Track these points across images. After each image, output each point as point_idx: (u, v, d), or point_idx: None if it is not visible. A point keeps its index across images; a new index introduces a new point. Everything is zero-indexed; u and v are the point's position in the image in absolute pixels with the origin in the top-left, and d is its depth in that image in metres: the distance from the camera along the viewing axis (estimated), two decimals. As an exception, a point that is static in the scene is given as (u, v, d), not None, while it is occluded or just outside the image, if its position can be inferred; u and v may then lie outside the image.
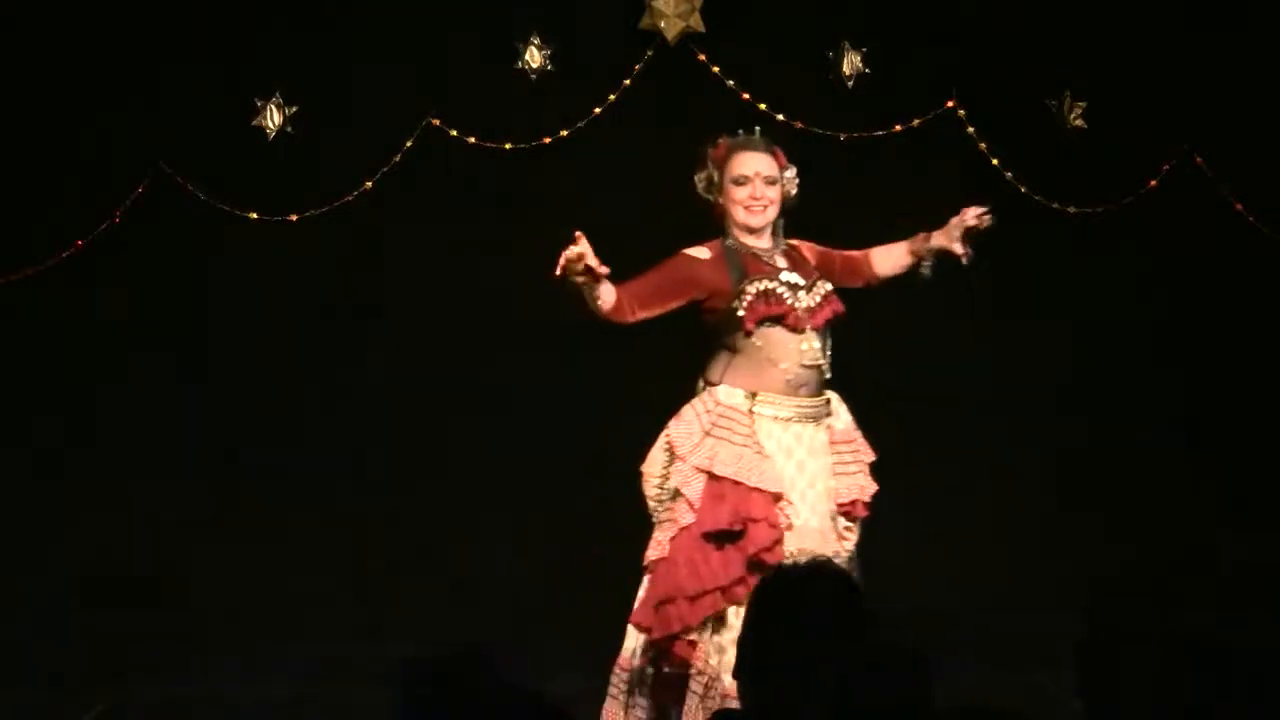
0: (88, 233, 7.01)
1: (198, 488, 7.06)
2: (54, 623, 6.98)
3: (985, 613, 6.99)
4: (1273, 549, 7.28)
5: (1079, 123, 7.33)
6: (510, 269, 7.19)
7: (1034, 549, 7.21)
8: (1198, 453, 7.43)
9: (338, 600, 7.08)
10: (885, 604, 3.64)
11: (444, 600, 6.96)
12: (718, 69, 7.20)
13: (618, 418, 7.18)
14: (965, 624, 6.78)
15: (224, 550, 7.03)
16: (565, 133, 7.14)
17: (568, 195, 7.13)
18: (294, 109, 7.05)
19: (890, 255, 5.60)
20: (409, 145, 7.09)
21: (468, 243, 7.18)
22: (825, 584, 3.63)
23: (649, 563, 5.38)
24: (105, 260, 7.03)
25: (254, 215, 7.09)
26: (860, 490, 5.40)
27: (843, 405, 5.47)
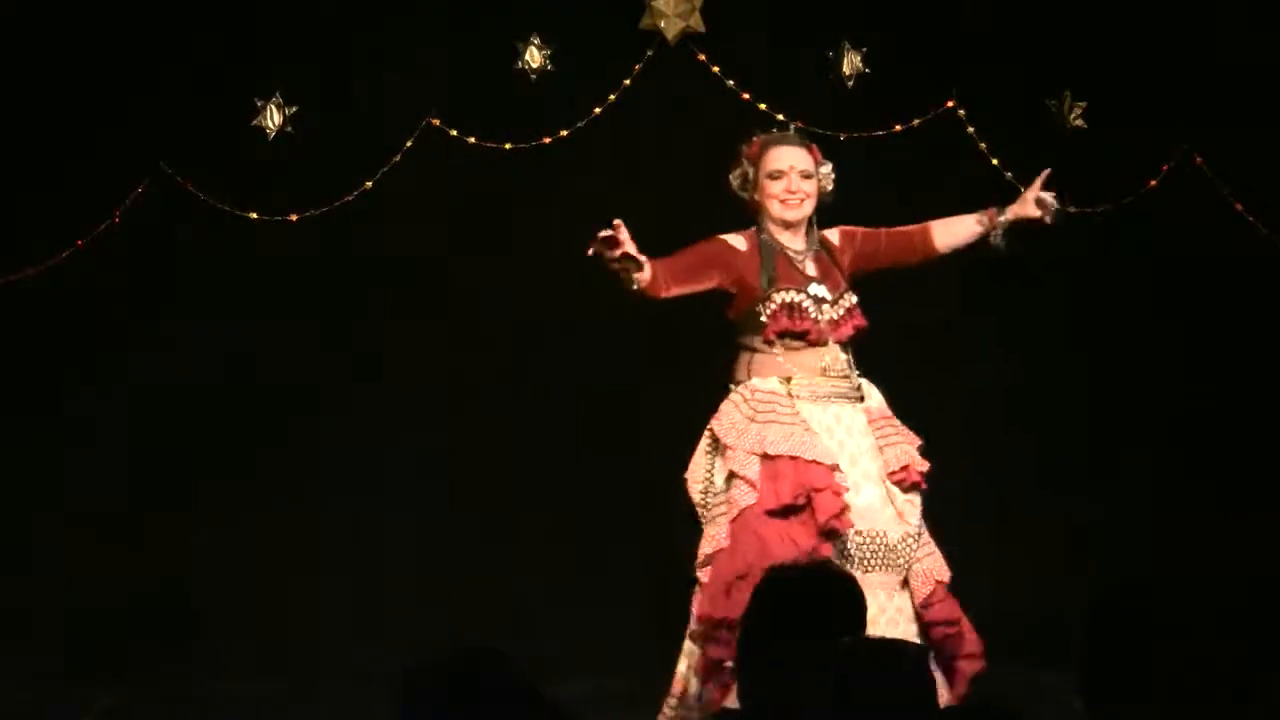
0: (88, 233, 7.00)
1: (198, 487, 7.06)
2: (54, 622, 6.98)
3: (985, 613, 6.98)
4: (1273, 549, 7.27)
5: (1079, 123, 7.33)
6: (510, 269, 7.19)
7: (1033, 548, 7.21)
8: (1198, 452, 7.43)
9: (338, 600, 7.08)
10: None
11: (444, 600, 6.96)
12: (718, 69, 7.20)
13: (620, 417, 7.20)
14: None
15: (224, 550, 7.03)
16: (565, 133, 7.13)
17: (567, 195, 7.13)
18: (294, 109, 7.05)
19: (954, 228, 5.57)
20: (409, 145, 7.09)
21: (468, 243, 7.17)
22: (825, 584, 3.64)
23: (705, 557, 5.34)
24: (105, 260, 7.02)
25: (254, 215, 7.09)
26: (911, 458, 5.38)
27: (874, 388, 5.48)
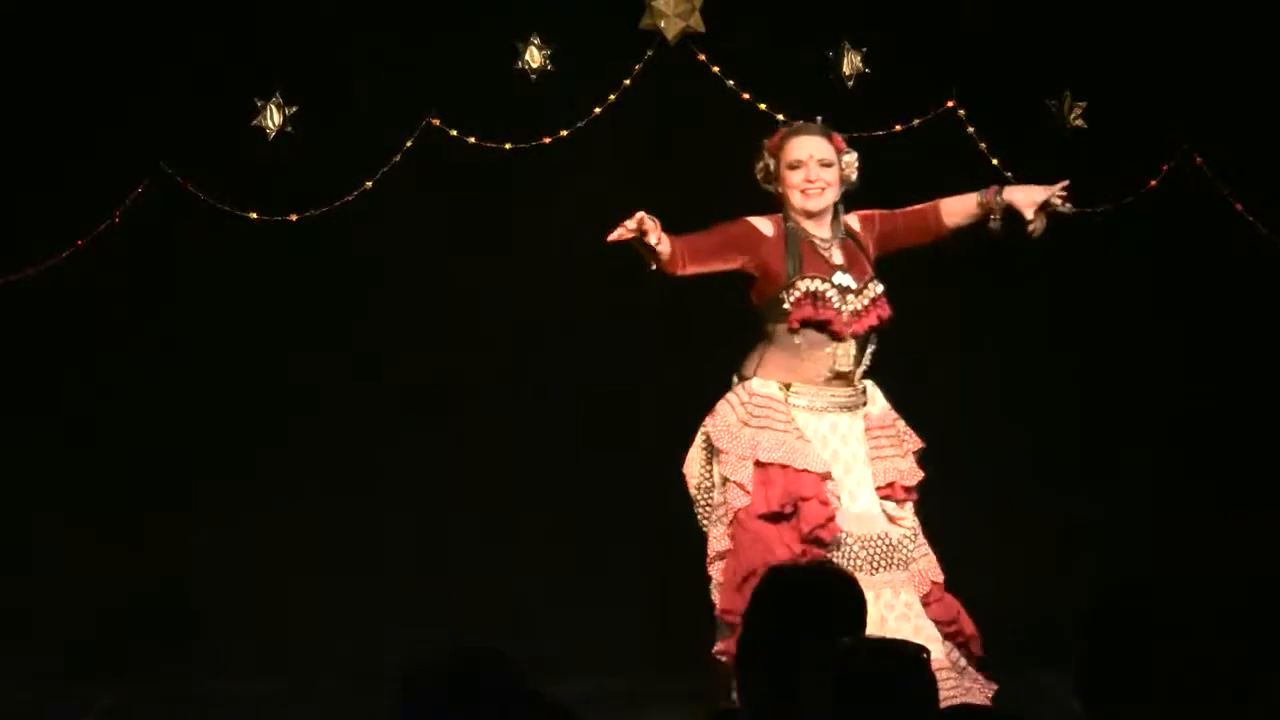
0: (88, 233, 7.00)
1: (198, 487, 7.06)
2: (54, 622, 6.97)
3: (985, 613, 6.98)
4: (1273, 549, 7.27)
5: (1079, 123, 7.33)
6: (510, 269, 7.19)
7: (1033, 548, 7.21)
8: (1197, 452, 7.43)
9: (338, 600, 7.08)
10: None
11: (444, 600, 6.96)
12: (718, 69, 7.20)
13: (620, 416, 7.20)
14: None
15: (224, 550, 7.03)
16: (565, 133, 7.13)
17: (567, 195, 7.13)
18: (294, 109, 7.05)
19: (958, 206, 5.61)
20: (409, 145, 7.09)
21: (468, 243, 7.17)
22: (825, 584, 3.64)
23: (714, 555, 5.42)
24: (105, 260, 7.02)
25: (254, 215, 7.09)
26: (898, 474, 5.44)
27: (878, 392, 5.51)
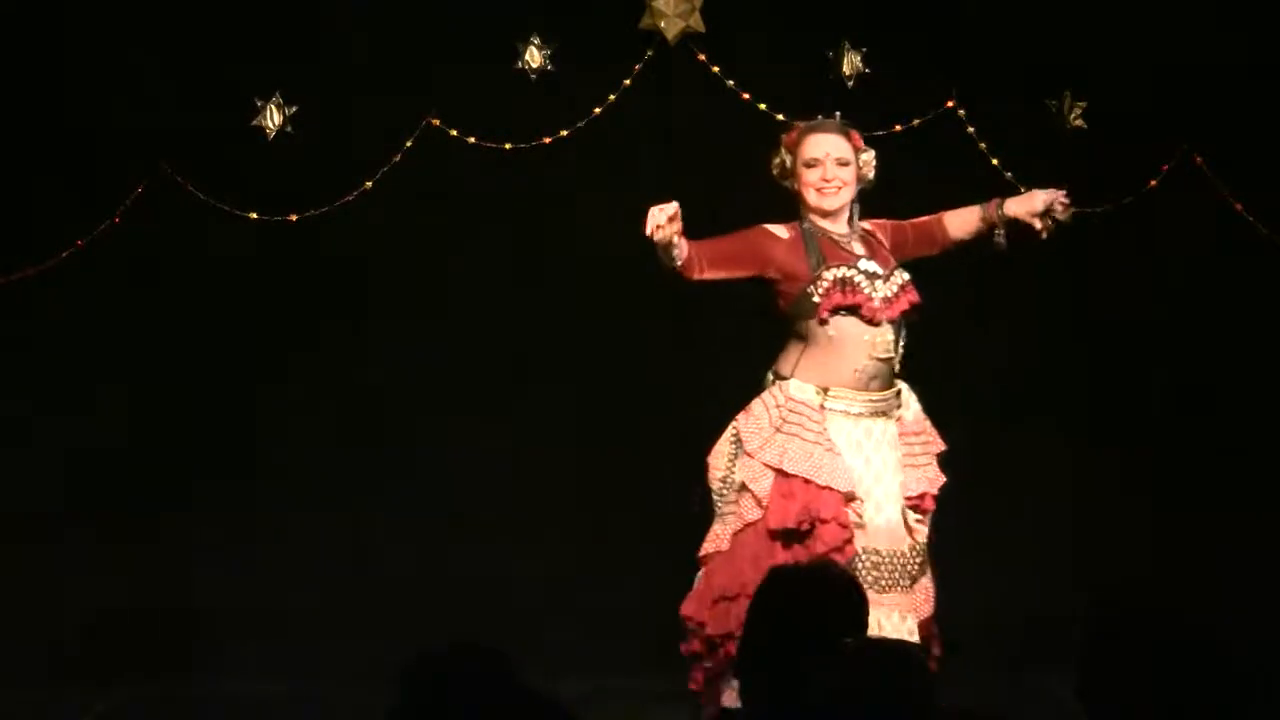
0: (88, 233, 7.01)
1: (198, 487, 7.06)
2: (54, 622, 6.98)
3: (985, 613, 6.99)
4: (1273, 548, 7.27)
5: (1079, 123, 7.33)
6: (510, 268, 7.20)
7: (1033, 549, 7.21)
8: (1197, 452, 7.43)
9: (337, 600, 7.08)
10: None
11: (444, 600, 6.96)
12: (718, 69, 7.20)
13: (620, 416, 7.20)
14: (965, 624, 6.77)
15: (224, 549, 7.03)
16: (565, 133, 7.14)
17: (568, 195, 7.14)
18: (294, 109, 7.05)
19: (963, 219, 5.58)
20: (409, 145, 7.10)
21: (467, 243, 7.18)
22: (825, 584, 3.64)
23: (705, 555, 5.34)
24: (105, 260, 7.03)
25: (254, 215, 7.10)
26: (929, 483, 5.36)
27: (912, 395, 5.45)
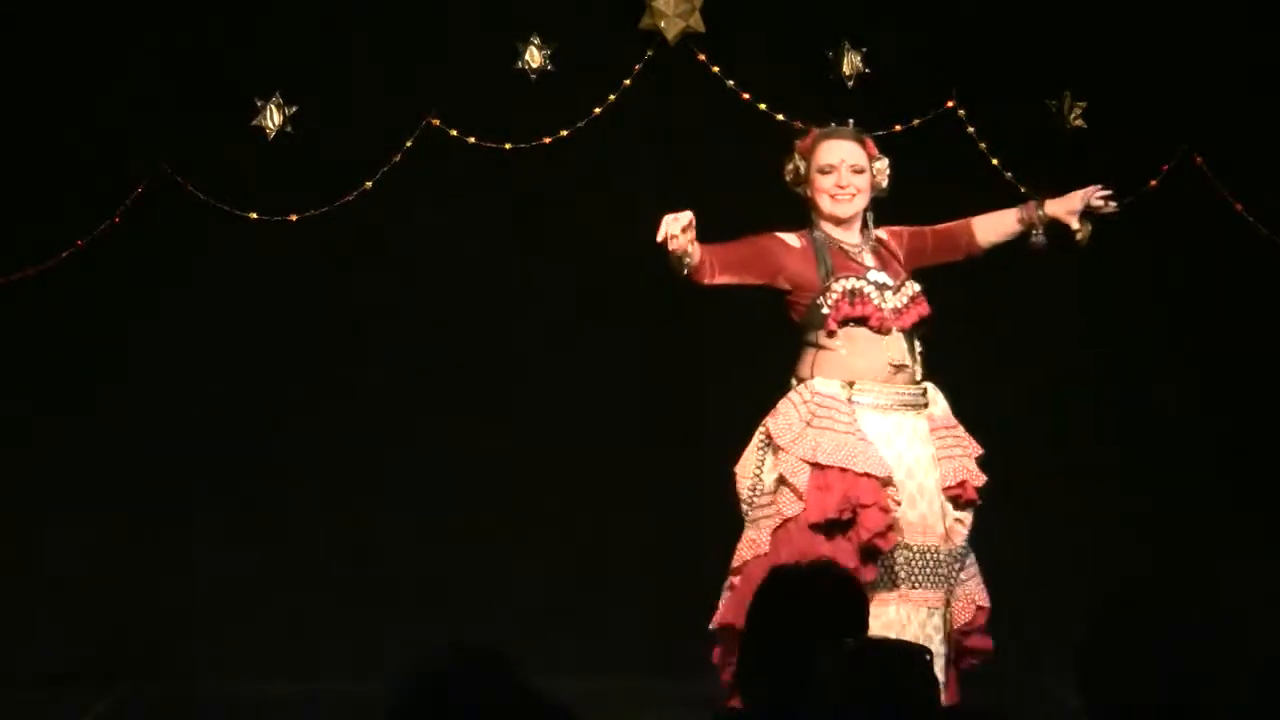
0: (88, 233, 7.00)
1: (197, 486, 7.06)
2: (53, 622, 6.97)
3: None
4: (1273, 548, 7.27)
5: (1079, 123, 7.33)
6: (510, 268, 7.19)
7: (1033, 549, 7.20)
8: (1197, 452, 7.42)
9: (338, 600, 7.08)
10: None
11: (444, 600, 6.96)
12: (718, 69, 7.20)
13: (620, 415, 7.20)
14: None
15: (224, 550, 7.03)
16: (565, 133, 7.13)
17: (568, 195, 7.14)
18: (294, 109, 7.05)
19: (996, 223, 5.53)
20: (409, 145, 7.09)
21: (467, 243, 7.18)
22: (825, 584, 3.64)
23: (742, 562, 5.27)
24: (105, 260, 7.02)
25: (254, 215, 7.09)
26: (968, 473, 5.32)
27: (939, 394, 5.41)
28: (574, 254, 7.15)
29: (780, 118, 7.11)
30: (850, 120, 5.53)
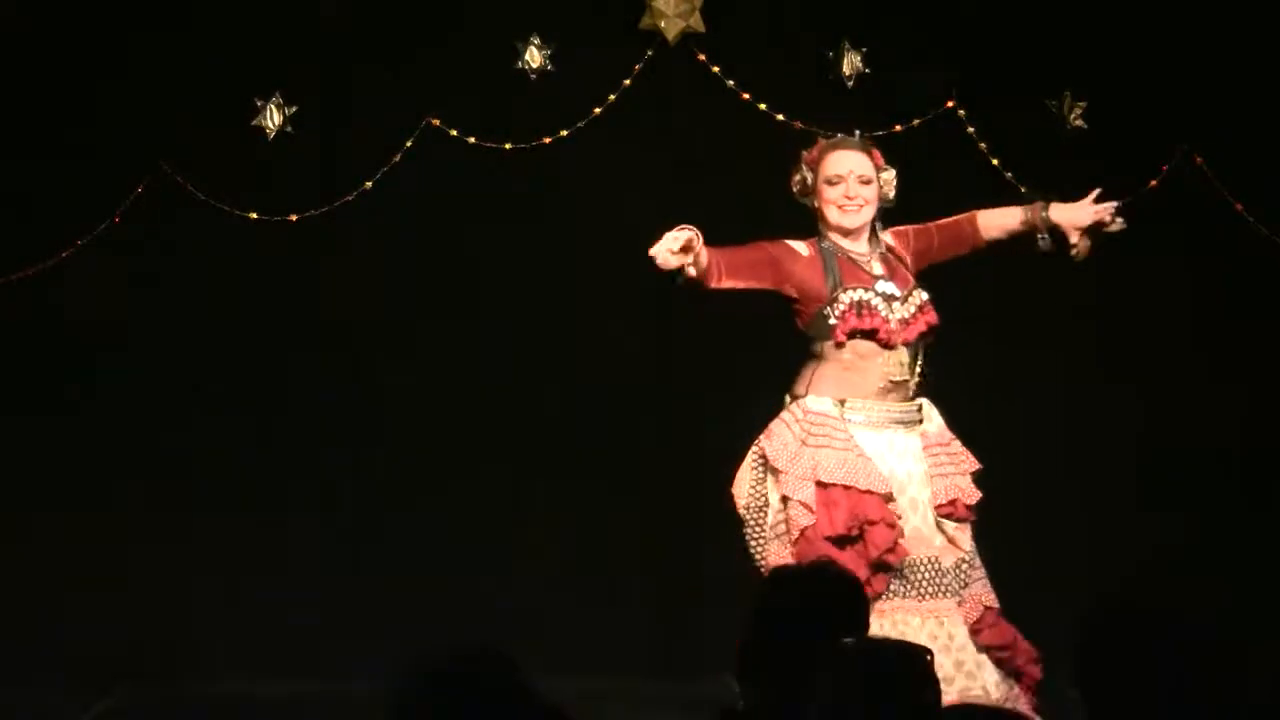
0: (88, 233, 7.00)
1: (197, 486, 7.06)
2: (53, 622, 6.97)
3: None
4: (1274, 549, 7.27)
5: (1079, 123, 7.33)
6: (510, 269, 7.19)
7: (1034, 550, 7.20)
8: (1197, 453, 7.42)
9: (337, 600, 7.08)
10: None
11: (444, 600, 6.96)
12: (718, 69, 7.20)
13: (620, 415, 7.20)
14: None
15: (223, 550, 7.03)
16: (565, 133, 7.14)
17: (568, 195, 7.14)
18: (294, 109, 7.05)
19: (1000, 219, 5.51)
20: (409, 145, 7.10)
21: (467, 243, 7.18)
22: (825, 584, 3.64)
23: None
24: (105, 260, 7.02)
25: (254, 215, 7.10)
26: (960, 492, 5.31)
27: (935, 410, 5.40)
28: (574, 254, 7.15)
29: (780, 118, 7.11)
30: (857, 131, 5.51)
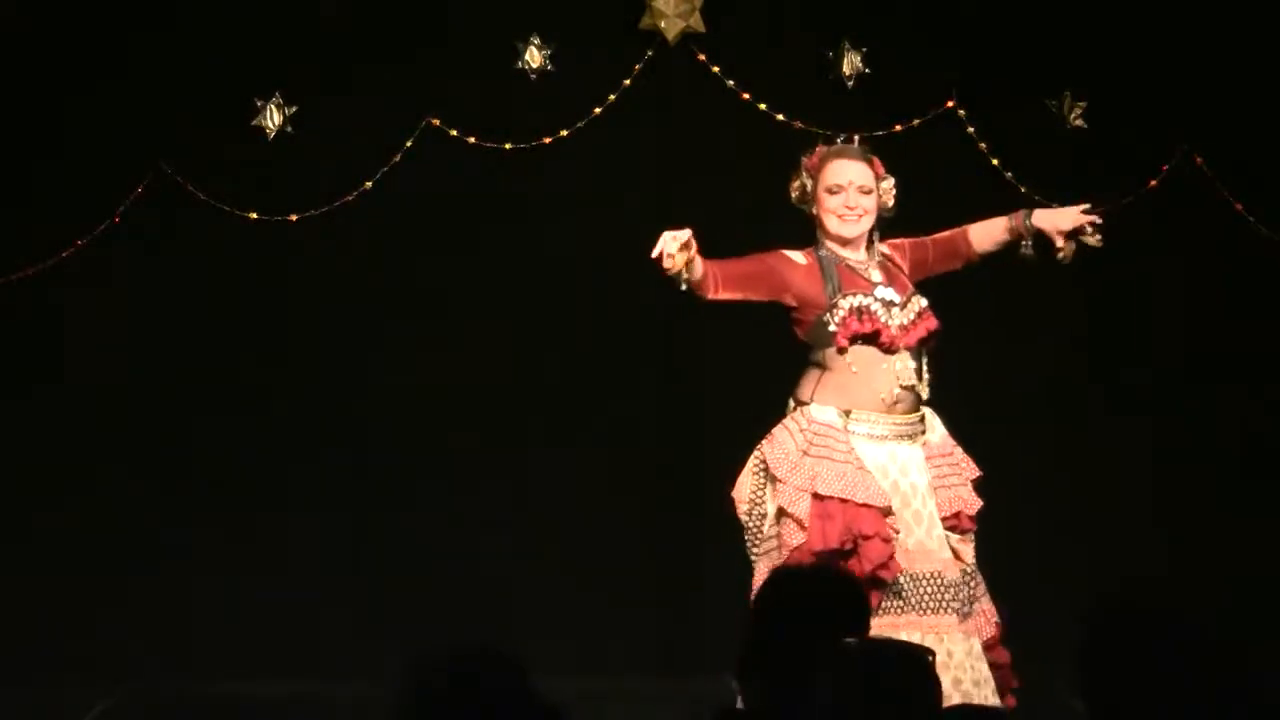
0: (88, 233, 7.01)
1: (197, 486, 7.06)
2: (53, 622, 6.97)
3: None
4: (1274, 549, 7.27)
5: (1079, 123, 7.33)
6: (510, 269, 7.20)
7: (1034, 550, 7.20)
8: (1198, 453, 7.42)
9: (338, 600, 7.08)
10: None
11: (444, 600, 6.96)
12: (718, 69, 7.20)
13: (620, 415, 7.20)
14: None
15: (223, 549, 7.03)
16: (565, 133, 7.14)
17: (567, 195, 7.14)
18: (294, 109, 7.06)
19: (989, 230, 5.47)
20: (409, 145, 7.10)
21: (468, 242, 7.18)
22: (825, 584, 3.64)
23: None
24: (105, 260, 7.03)
25: (254, 215, 7.10)
26: (963, 503, 5.29)
27: (937, 419, 5.37)
28: (574, 254, 7.15)
29: (780, 118, 7.12)
30: (856, 137, 5.49)
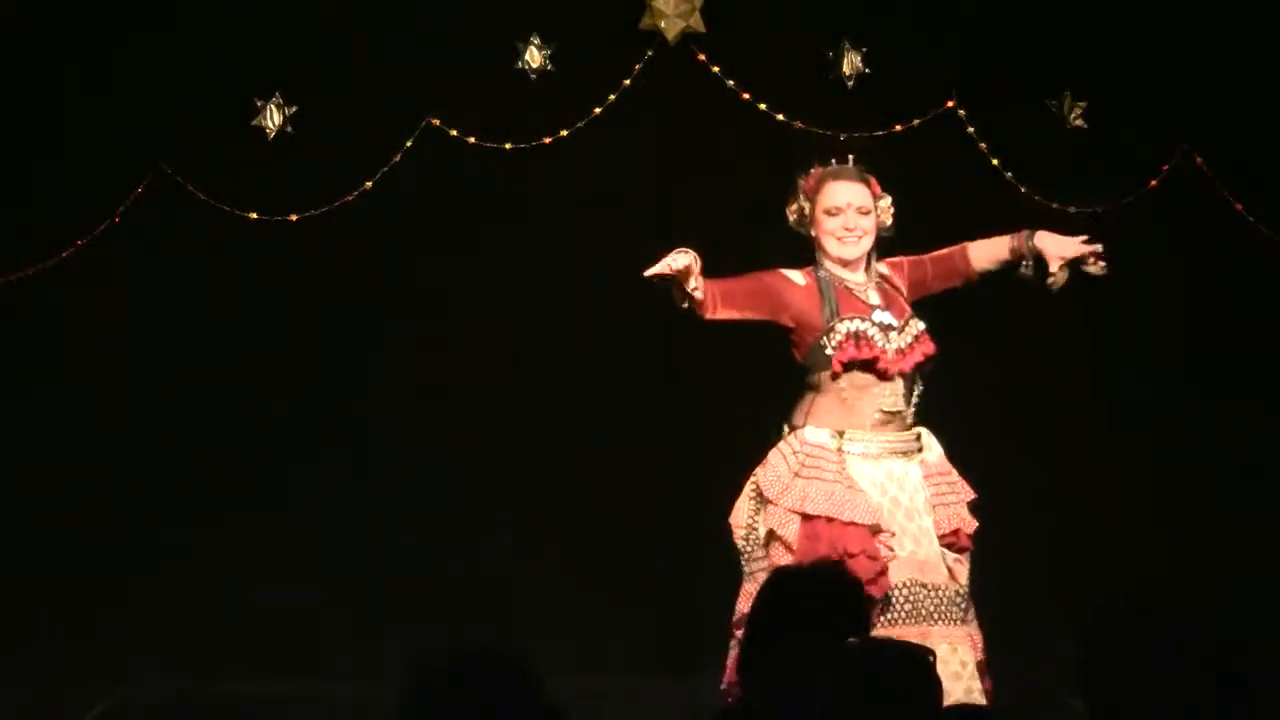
0: (88, 233, 7.00)
1: (197, 486, 7.06)
2: (53, 622, 6.97)
3: (984, 612, 6.98)
4: (1274, 550, 7.27)
5: (1079, 123, 7.33)
6: (510, 269, 7.19)
7: (1034, 550, 7.20)
8: (1198, 454, 7.42)
9: (338, 600, 7.08)
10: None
11: (444, 600, 6.96)
12: (718, 69, 7.20)
13: (621, 415, 7.20)
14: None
15: (223, 549, 7.03)
16: (565, 133, 7.14)
17: (568, 195, 7.14)
18: (294, 109, 7.05)
19: (988, 250, 5.46)
20: (409, 145, 7.10)
21: (468, 242, 7.18)
22: (825, 584, 3.64)
23: (741, 616, 5.19)
24: (105, 260, 7.03)
25: (254, 215, 7.10)
26: (961, 521, 5.30)
27: (934, 440, 5.37)
28: (574, 254, 7.15)
29: (780, 118, 7.11)
30: (850, 158, 5.47)
